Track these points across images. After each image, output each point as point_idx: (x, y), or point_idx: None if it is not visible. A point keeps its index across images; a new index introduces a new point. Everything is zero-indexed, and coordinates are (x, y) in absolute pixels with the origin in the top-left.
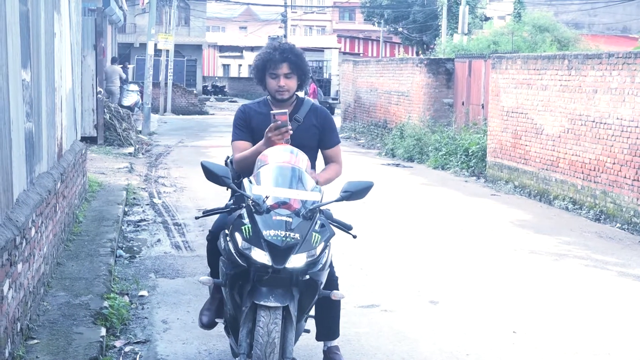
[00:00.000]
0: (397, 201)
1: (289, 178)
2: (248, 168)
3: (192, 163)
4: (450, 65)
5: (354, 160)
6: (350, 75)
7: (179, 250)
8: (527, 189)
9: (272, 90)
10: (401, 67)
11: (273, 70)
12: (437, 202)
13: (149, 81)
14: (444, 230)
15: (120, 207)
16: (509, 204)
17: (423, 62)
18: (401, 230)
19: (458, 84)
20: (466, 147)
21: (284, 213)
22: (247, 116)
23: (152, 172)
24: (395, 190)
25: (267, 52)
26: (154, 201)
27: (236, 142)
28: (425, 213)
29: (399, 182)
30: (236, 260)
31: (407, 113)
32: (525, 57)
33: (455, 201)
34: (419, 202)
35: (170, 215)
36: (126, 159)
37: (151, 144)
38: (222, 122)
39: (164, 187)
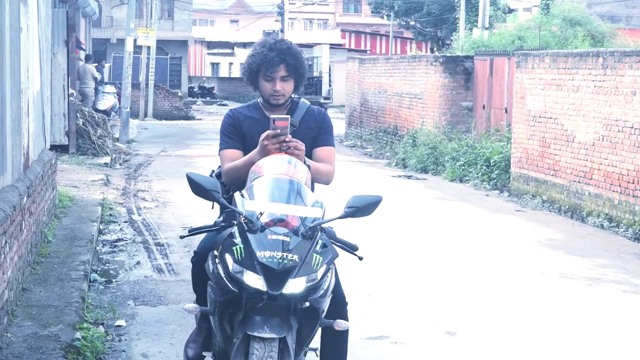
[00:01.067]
0: (409, 218)
1: (286, 192)
2: (240, 180)
3: (177, 175)
4: (469, 63)
5: (360, 172)
6: (356, 75)
7: (161, 274)
8: (556, 204)
9: (266, 94)
10: (413, 66)
11: (268, 73)
12: (455, 219)
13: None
14: (462, 251)
15: (94, 225)
16: (536, 221)
17: (438, 60)
18: (414, 251)
19: (478, 85)
20: (487, 156)
21: (280, 232)
22: (236, 122)
23: (131, 185)
24: (407, 205)
25: (262, 52)
26: (133, 218)
27: (225, 151)
28: (441, 231)
29: (411, 196)
30: (226, 286)
31: (420, 118)
32: (555, 54)
33: (475, 218)
34: (433, 218)
35: (151, 234)
36: (101, 170)
37: (130, 153)
38: (210, 129)
39: (145, 202)
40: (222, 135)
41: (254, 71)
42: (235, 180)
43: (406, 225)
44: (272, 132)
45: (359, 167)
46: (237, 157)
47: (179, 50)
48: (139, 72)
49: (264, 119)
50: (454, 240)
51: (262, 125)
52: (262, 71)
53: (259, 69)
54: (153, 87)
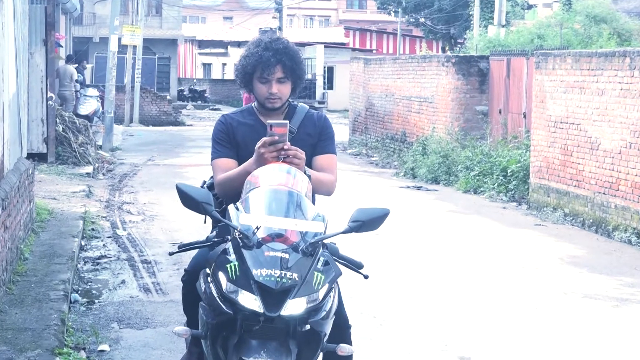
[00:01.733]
0: (419, 232)
1: (285, 204)
2: (234, 192)
3: (165, 186)
4: (484, 64)
5: (366, 182)
6: (361, 77)
7: (148, 294)
8: (579, 218)
9: (261, 97)
10: (423, 67)
11: (264, 75)
12: (468, 233)
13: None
14: (476, 268)
15: (75, 241)
16: (557, 236)
17: (450, 61)
18: (423, 268)
19: (494, 87)
20: (504, 165)
21: (278, 248)
22: (229, 128)
23: (115, 196)
24: (416, 219)
25: (257, 52)
26: (118, 233)
27: (218, 161)
28: (454, 247)
29: (420, 209)
30: (219, 307)
31: (430, 124)
32: (577, 54)
33: (490, 233)
34: (445, 233)
35: (137, 251)
36: (83, 180)
37: (114, 162)
38: (201, 135)
39: (130, 216)
40: (214, 143)
41: (248, 73)
42: (229, 192)
43: (415, 240)
44: (269, 139)
45: (364, 177)
46: (231, 166)
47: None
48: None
49: (259, 125)
50: (468, 257)
51: (257, 131)
52: (257, 73)
53: (254, 71)
54: (139, 90)
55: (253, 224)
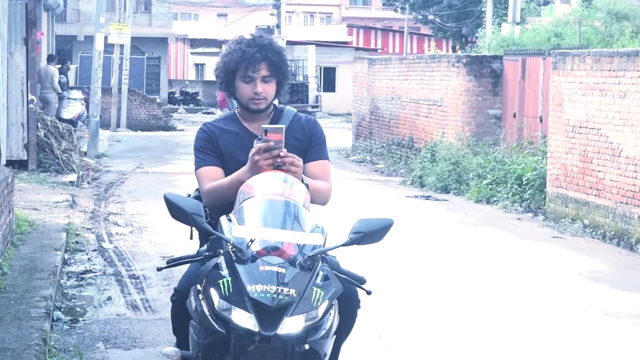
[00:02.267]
0: (427, 245)
1: (281, 215)
2: (224, 202)
3: (154, 195)
4: (497, 64)
5: (370, 191)
6: (365, 79)
7: (136, 312)
8: (600, 229)
9: (244, 98)
10: (432, 68)
11: (248, 73)
12: (481, 246)
13: (97, 86)
14: (489, 284)
15: (58, 254)
16: (576, 250)
17: (461, 61)
18: (432, 284)
19: (508, 89)
20: (519, 173)
21: (274, 262)
22: (211, 137)
23: (101, 207)
24: (424, 230)
25: (240, 48)
26: (104, 246)
27: (203, 170)
28: (465, 261)
29: (429, 220)
30: (211, 325)
31: (440, 128)
32: (598, 53)
33: (504, 246)
34: (455, 246)
35: (124, 265)
36: (67, 189)
37: (100, 169)
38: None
39: (117, 228)
40: (197, 152)
41: (230, 72)
42: (218, 203)
43: (423, 253)
44: (264, 146)
45: (369, 185)
46: (218, 175)
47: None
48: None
49: (244, 132)
50: (480, 272)
51: (242, 139)
52: (241, 71)
53: (237, 68)
54: (127, 93)
55: (247, 237)
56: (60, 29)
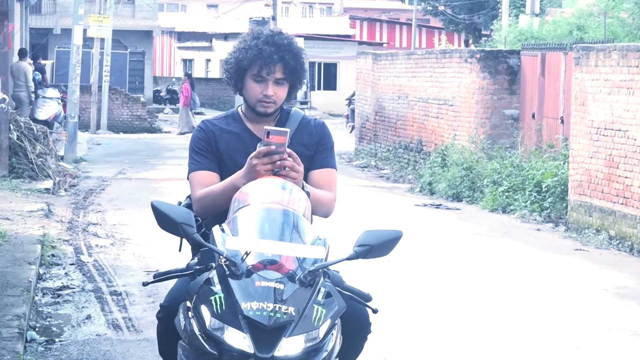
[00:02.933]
0: (437, 259)
1: (279, 225)
2: (217, 211)
3: (138, 203)
4: (514, 60)
5: (375, 200)
6: (369, 75)
7: (118, 332)
8: (627, 241)
9: (252, 99)
10: (443, 64)
11: (261, 73)
12: (496, 260)
13: (76, 84)
14: (505, 301)
15: (32, 269)
16: (601, 263)
17: (475, 56)
18: (443, 301)
19: (526, 87)
20: (538, 179)
21: (272, 277)
22: (210, 136)
23: (80, 216)
24: (435, 242)
25: (257, 45)
26: (82, 259)
27: (197, 174)
28: (479, 276)
29: (439, 231)
30: (202, 346)
31: (451, 130)
32: (625, 48)
33: (522, 259)
34: (469, 260)
35: (105, 281)
36: (42, 197)
37: (78, 175)
38: (181, 144)
39: (97, 239)
40: (193, 153)
41: (242, 68)
42: (210, 211)
43: (433, 268)
44: (265, 149)
45: (373, 193)
46: (213, 180)
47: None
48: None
49: (246, 134)
50: (495, 288)
51: (244, 141)
52: (254, 69)
53: (250, 66)
54: (108, 91)
55: (242, 249)
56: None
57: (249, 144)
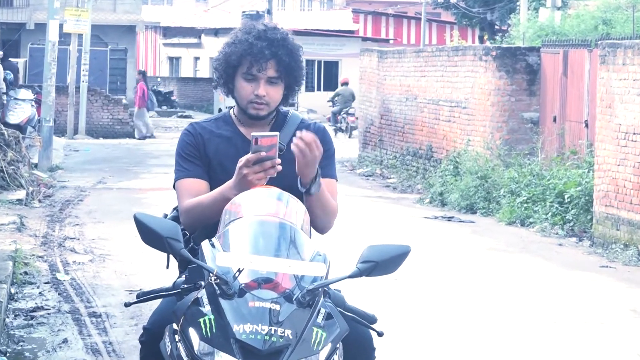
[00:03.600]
0: (449, 277)
1: (275, 240)
2: (206, 224)
3: (120, 216)
4: (533, 57)
5: (381, 211)
6: (374, 75)
7: (97, 357)
8: None
9: (243, 100)
10: (455, 62)
11: (252, 70)
12: (514, 278)
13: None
14: (524, 322)
15: (3, 288)
16: (629, 282)
17: (490, 54)
18: (455, 323)
19: (547, 88)
20: (560, 189)
21: (267, 296)
22: (198, 141)
23: (55, 230)
24: (446, 258)
25: (247, 40)
26: (59, 277)
27: (184, 182)
28: (495, 296)
29: (451, 246)
30: None
31: (464, 135)
32: None
33: (542, 277)
34: (484, 277)
35: (83, 301)
36: (13, 209)
37: (54, 185)
38: (167, 151)
39: (74, 255)
40: (179, 159)
41: (231, 66)
42: (199, 224)
43: (444, 286)
44: (254, 157)
45: (379, 204)
46: (202, 189)
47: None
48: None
49: (238, 138)
50: (513, 308)
51: (236, 146)
52: (244, 67)
53: (240, 63)
54: (87, 92)
55: (234, 266)
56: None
57: (241, 149)
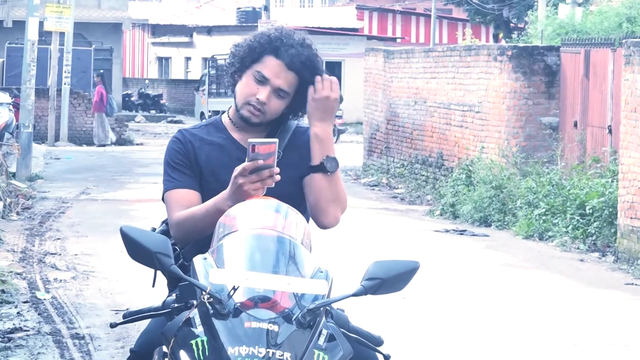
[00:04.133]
0: (461, 295)
1: (273, 255)
2: (198, 237)
3: (105, 229)
4: (552, 57)
5: (388, 224)
6: (380, 77)
7: None
8: None
9: (241, 97)
10: (468, 62)
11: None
12: (531, 296)
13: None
14: (543, 345)
15: None
16: None
17: (506, 53)
18: (467, 345)
19: (567, 90)
20: (582, 200)
21: (264, 316)
22: (188, 148)
23: (35, 245)
24: (458, 275)
25: (278, 40)
26: (38, 296)
27: (174, 193)
28: (511, 315)
29: (464, 262)
30: None
31: (478, 141)
32: None
33: (562, 295)
34: (499, 295)
35: (65, 321)
36: None
37: (33, 196)
38: (156, 158)
39: (56, 272)
40: (168, 168)
41: (249, 58)
42: (191, 238)
43: (456, 305)
44: (251, 165)
45: (386, 217)
46: (193, 200)
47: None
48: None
49: (231, 145)
50: (531, 329)
51: (229, 154)
52: (259, 65)
53: (261, 57)
54: (69, 95)
55: (228, 283)
56: None
57: (235, 157)
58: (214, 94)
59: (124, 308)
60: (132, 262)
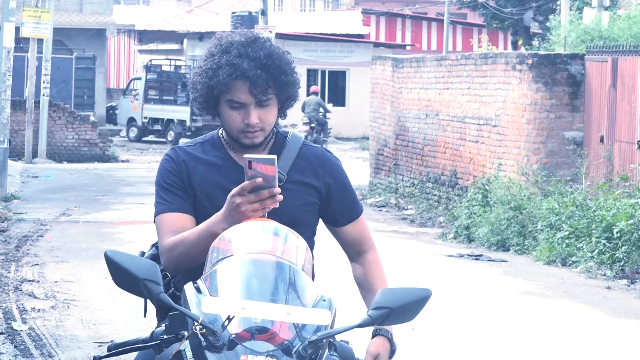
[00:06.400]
0: (476, 325)
1: (271, 282)
2: (191, 264)
3: (87, 254)
4: (576, 66)
5: (396, 248)
6: (388, 87)
7: None
8: None
9: (233, 130)
10: (484, 72)
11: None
12: (554, 326)
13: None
14: None
15: None
16: None
17: (525, 62)
18: None
19: (592, 102)
20: (608, 222)
21: (261, 349)
22: (181, 168)
23: (11, 271)
24: (474, 304)
25: (228, 61)
26: (14, 327)
27: (166, 217)
28: (532, 348)
29: (480, 289)
30: None
31: (495, 158)
32: None
33: (587, 325)
34: (518, 326)
35: (44, 355)
36: None
37: (9, 217)
38: (144, 177)
39: (33, 301)
40: (160, 190)
41: (213, 95)
42: (183, 265)
43: (471, 336)
44: (250, 184)
45: (394, 240)
46: (186, 225)
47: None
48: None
49: (229, 164)
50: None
51: (226, 173)
52: (228, 94)
53: (222, 91)
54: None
55: (223, 313)
56: None
57: (232, 179)
58: (154, 100)
59: (108, 340)
60: (118, 290)
